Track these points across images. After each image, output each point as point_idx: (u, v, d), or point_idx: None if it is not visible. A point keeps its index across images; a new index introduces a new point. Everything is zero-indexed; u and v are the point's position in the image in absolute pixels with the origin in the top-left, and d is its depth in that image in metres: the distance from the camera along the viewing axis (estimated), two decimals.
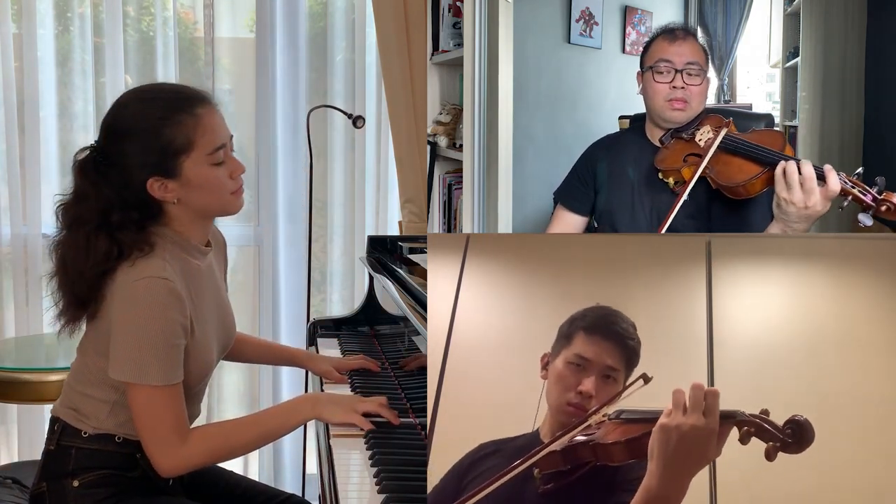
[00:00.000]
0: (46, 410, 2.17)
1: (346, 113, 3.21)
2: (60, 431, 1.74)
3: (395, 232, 3.41)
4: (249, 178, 3.55)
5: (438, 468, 1.28)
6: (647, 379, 1.16)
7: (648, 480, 1.02)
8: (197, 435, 1.71)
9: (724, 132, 1.95)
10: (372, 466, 1.59)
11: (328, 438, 1.74)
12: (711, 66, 2.33)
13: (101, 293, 1.67)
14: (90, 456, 1.72)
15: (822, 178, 1.71)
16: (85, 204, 1.67)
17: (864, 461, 1.24)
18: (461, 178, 2.72)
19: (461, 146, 2.74)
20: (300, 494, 3.17)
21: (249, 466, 3.62)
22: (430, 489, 1.27)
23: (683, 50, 2.07)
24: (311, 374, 2.29)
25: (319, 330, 2.64)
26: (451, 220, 3.13)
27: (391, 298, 2.17)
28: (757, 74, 4.00)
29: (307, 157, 3.23)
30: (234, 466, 2.45)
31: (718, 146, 1.93)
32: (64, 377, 1.86)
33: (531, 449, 1.20)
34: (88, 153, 1.70)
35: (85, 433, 1.73)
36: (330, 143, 3.55)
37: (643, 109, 2.18)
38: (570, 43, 3.43)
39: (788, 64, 3.25)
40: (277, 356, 2.29)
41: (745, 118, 2.42)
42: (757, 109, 3.67)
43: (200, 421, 1.88)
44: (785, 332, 1.28)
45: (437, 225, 3.22)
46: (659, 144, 2.10)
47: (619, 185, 2.17)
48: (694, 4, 3.85)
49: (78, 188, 1.69)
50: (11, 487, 2.08)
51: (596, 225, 2.28)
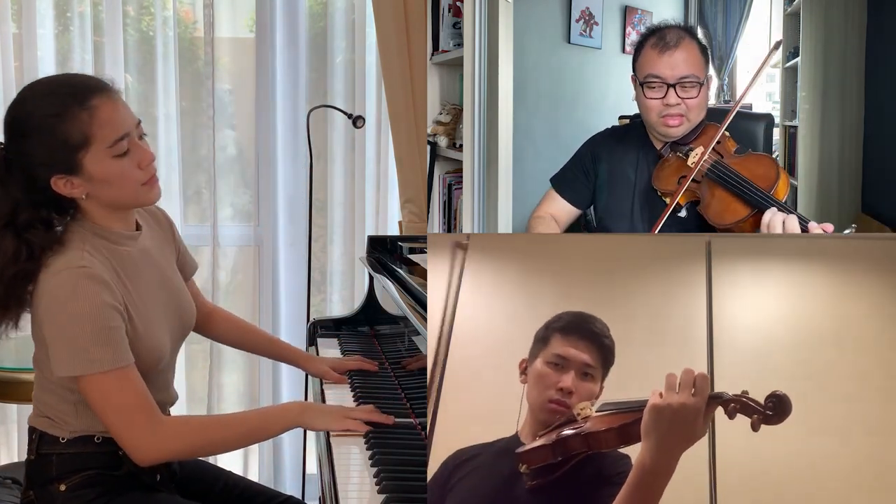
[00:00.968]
0: None
1: (346, 113, 3.21)
2: (38, 440, 1.73)
3: (395, 232, 3.41)
4: (249, 178, 3.56)
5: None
6: None
7: (642, 457, 1.12)
8: (174, 422, 1.69)
9: (707, 160, 1.87)
10: (372, 466, 1.59)
11: (328, 438, 1.73)
12: (711, 66, 2.28)
13: (23, 297, 1.64)
14: (72, 460, 1.71)
15: (805, 231, 1.66)
16: None
17: (864, 461, 1.24)
18: (461, 178, 2.72)
19: (461, 146, 2.74)
20: (300, 495, 3.18)
21: (249, 466, 3.61)
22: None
23: (676, 61, 1.91)
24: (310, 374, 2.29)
25: (319, 330, 2.64)
26: (451, 220, 3.13)
27: (391, 298, 2.17)
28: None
29: (307, 157, 3.22)
30: (233, 466, 2.45)
31: (708, 175, 1.87)
32: None
33: (511, 449, 1.24)
34: None
35: (63, 438, 1.72)
36: (330, 143, 3.54)
37: None
38: (570, 43, 3.43)
39: (788, 64, 3.24)
40: (277, 352, 2.27)
41: (745, 118, 2.42)
42: (757, 109, 3.67)
43: None
44: (785, 331, 1.29)
45: (437, 225, 3.22)
46: (659, 154, 2.04)
47: (619, 190, 2.13)
48: (694, 4, 3.85)
49: None
50: (11, 487, 2.08)
51: (595, 226, 2.27)
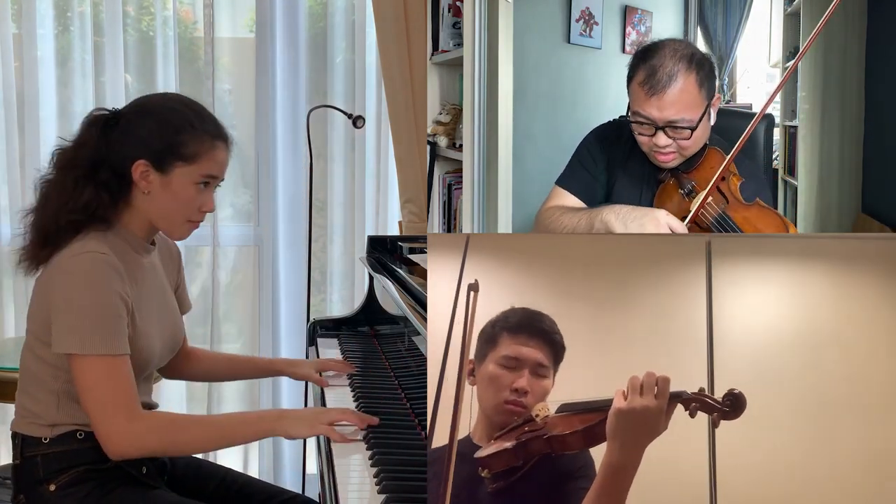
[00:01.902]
0: None
1: (346, 113, 3.21)
2: (21, 444, 1.74)
3: (395, 232, 3.41)
4: (249, 177, 3.56)
5: None
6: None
7: (609, 457, 1.14)
8: (151, 417, 1.70)
9: (711, 212, 1.75)
10: (372, 466, 1.59)
11: (328, 438, 1.73)
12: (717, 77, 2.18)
13: (63, 243, 1.69)
14: (58, 458, 1.72)
15: None
16: (82, 151, 1.74)
17: (864, 460, 1.24)
18: (461, 178, 2.72)
19: (461, 146, 2.74)
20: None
21: (249, 466, 3.62)
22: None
23: (665, 103, 1.72)
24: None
25: (319, 330, 2.64)
26: (451, 220, 3.13)
27: (391, 298, 2.17)
28: (757, 74, 3.99)
29: (307, 157, 3.22)
30: (233, 465, 2.45)
31: (713, 226, 1.75)
32: None
33: (465, 454, 1.24)
34: (105, 113, 1.78)
35: (45, 439, 1.72)
36: (330, 143, 3.55)
37: None
38: (570, 43, 3.43)
39: (788, 64, 3.24)
40: (256, 369, 2.27)
41: (744, 118, 2.41)
42: (757, 109, 3.66)
43: None
44: (785, 331, 1.29)
45: (437, 225, 3.22)
46: (659, 180, 1.93)
47: (625, 200, 2.00)
48: (694, 4, 3.85)
49: (80, 136, 1.76)
50: (11, 488, 2.08)
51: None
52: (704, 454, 1.27)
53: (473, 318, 1.26)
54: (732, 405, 1.14)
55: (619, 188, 2.03)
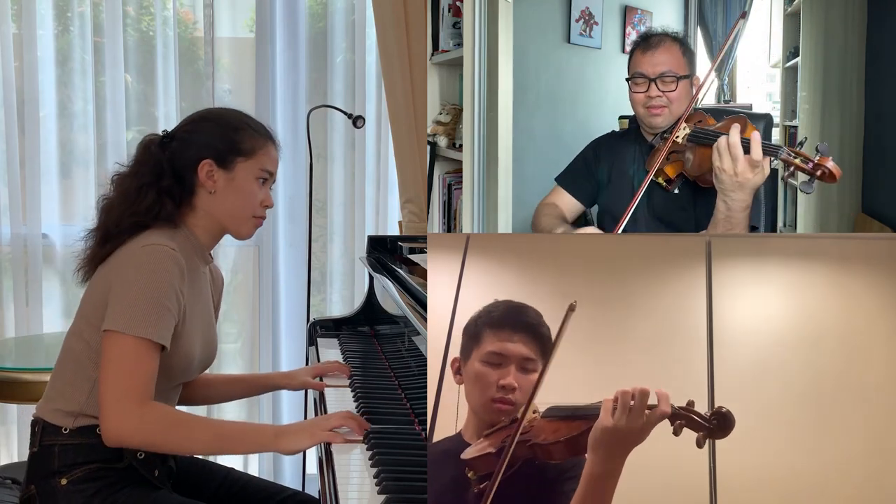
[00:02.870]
0: None
1: (346, 113, 3.21)
2: (41, 432, 1.76)
3: (395, 232, 3.41)
4: None
5: None
6: (573, 307, 1.19)
7: (591, 468, 1.14)
8: (158, 409, 1.69)
9: (687, 131, 2.03)
10: (372, 467, 1.59)
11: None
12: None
13: (121, 242, 1.76)
14: (74, 451, 1.73)
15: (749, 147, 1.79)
16: (141, 170, 1.83)
17: (864, 460, 1.24)
18: (461, 178, 2.72)
19: (461, 146, 2.74)
20: None
21: (250, 466, 3.62)
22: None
23: (656, 59, 2.10)
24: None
25: (319, 330, 2.64)
26: (450, 220, 3.13)
27: (391, 298, 2.18)
28: (757, 74, 3.99)
29: (307, 157, 3.23)
30: (233, 465, 2.45)
31: (690, 139, 2.02)
32: None
33: (456, 452, 1.23)
34: (158, 135, 1.87)
35: (65, 429, 1.74)
36: (330, 143, 3.55)
37: None
38: (570, 43, 3.43)
39: (788, 64, 3.24)
40: (252, 386, 2.25)
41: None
42: (757, 109, 3.66)
43: None
44: (785, 331, 1.28)
45: (437, 225, 3.22)
46: (650, 145, 2.15)
47: (619, 187, 2.20)
48: (694, 4, 3.85)
49: (138, 157, 1.86)
50: (11, 488, 2.08)
51: (596, 225, 2.28)
52: (705, 453, 1.27)
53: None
54: (720, 423, 1.12)
55: (612, 174, 2.24)
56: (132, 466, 1.75)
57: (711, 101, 3.77)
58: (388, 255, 2.75)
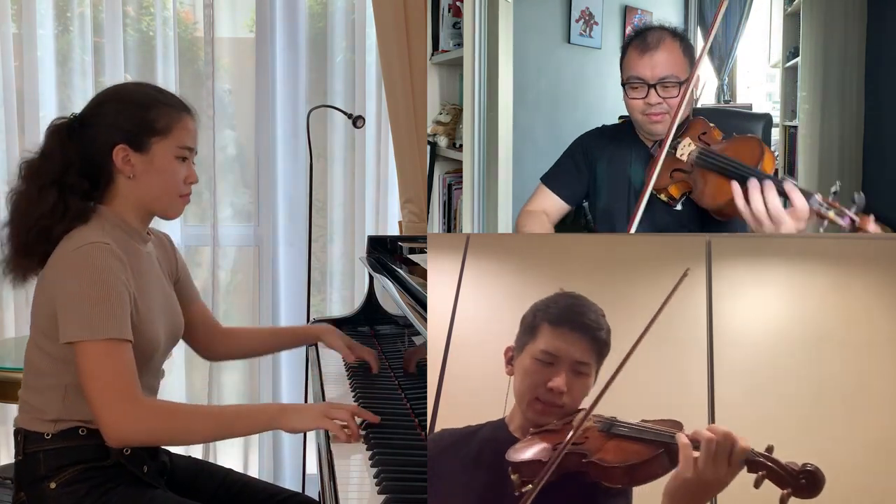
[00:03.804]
0: None
1: (346, 113, 3.21)
2: (24, 441, 1.75)
3: (395, 232, 3.40)
4: (249, 178, 3.56)
5: None
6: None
7: None
8: (153, 403, 1.70)
9: (694, 149, 1.89)
10: (372, 467, 1.59)
11: (328, 438, 1.73)
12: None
13: (43, 250, 1.73)
14: (59, 455, 1.72)
15: (788, 197, 1.64)
16: (48, 162, 1.76)
17: (864, 461, 1.24)
18: (461, 178, 2.72)
19: (461, 146, 2.74)
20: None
21: (249, 466, 3.61)
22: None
23: (656, 61, 1.95)
24: (311, 373, 2.29)
25: None
26: (450, 220, 3.13)
27: (391, 298, 2.17)
28: (757, 74, 4.00)
29: (307, 157, 3.22)
30: (233, 465, 2.45)
31: (698, 163, 1.88)
32: None
33: (498, 441, 1.19)
34: (65, 119, 1.80)
35: (47, 434, 1.73)
36: (330, 143, 3.55)
37: None
38: (570, 43, 3.43)
39: (788, 64, 3.24)
40: (289, 338, 2.28)
41: (744, 118, 2.42)
42: (757, 109, 3.67)
43: None
44: (785, 332, 1.28)
45: (437, 225, 3.22)
46: (650, 153, 2.05)
47: (616, 191, 2.14)
48: (694, 4, 3.85)
49: (45, 146, 1.79)
50: (11, 488, 2.08)
51: (594, 226, 2.27)
52: None
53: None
54: (808, 482, 1.02)
55: (609, 174, 2.14)
56: (120, 464, 1.74)
57: (711, 101, 3.77)
58: (388, 255, 2.75)
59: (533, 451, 1.16)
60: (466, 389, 1.31)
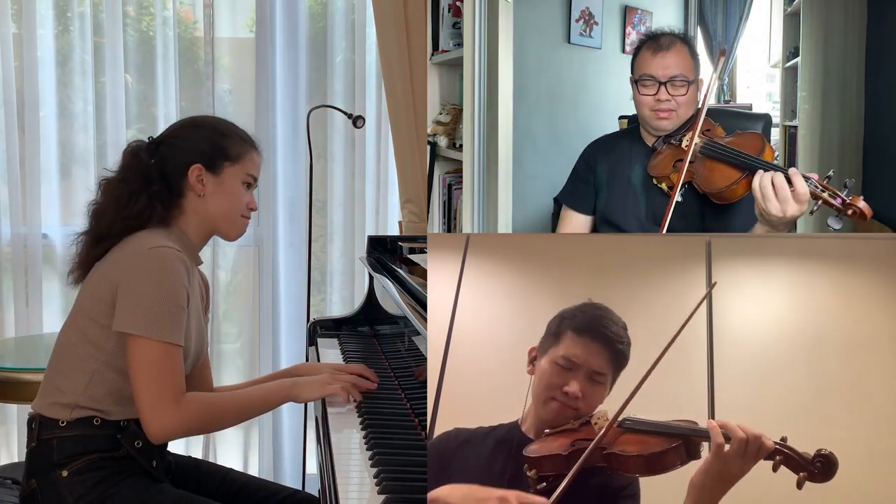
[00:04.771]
0: None
1: (346, 113, 3.21)
2: (38, 427, 1.79)
3: (395, 232, 3.40)
4: None
5: None
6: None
7: None
8: (194, 401, 1.79)
9: (699, 141, 1.97)
10: (372, 467, 1.59)
11: (328, 438, 1.74)
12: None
13: (110, 246, 1.83)
14: (72, 443, 1.76)
15: (791, 181, 1.74)
16: (129, 173, 1.88)
17: (864, 461, 1.24)
18: (461, 178, 2.72)
19: (461, 146, 2.74)
20: None
21: (249, 466, 3.62)
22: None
23: (667, 62, 2.06)
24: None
25: (319, 330, 2.64)
26: (450, 220, 3.13)
27: (391, 298, 2.17)
28: (757, 74, 4.00)
29: (307, 157, 3.23)
30: (233, 465, 2.45)
31: (702, 152, 1.97)
32: None
33: (512, 441, 1.24)
34: (144, 141, 1.94)
35: (62, 422, 1.77)
36: (330, 143, 3.55)
37: None
38: (570, 43, 3.43)
39: (788, 64, 3.24)
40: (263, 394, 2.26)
41: (744, 118, 2.42)
42: (757, 109, 3.66)
43: None
44: (785, 331, 1.29)
45: (437, 225, 3.22)
46: (652, 147, 2.11)
47: (618, 188, 2.18)
48: (694, 4, 3.85)
49: (124, 163, 1.91)
50: (12, 487, 2.08)
51: (596, 226, 2.28)
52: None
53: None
54: (823, 466, 1.10)
55: (609, 175, 2.21)
56: (131, 456, 1.78)
57: (712, 101, 3.77)
58: (388, 255, 2.75)
59: (551, 446, 1.21)
60: (466, 389, 1.31)
